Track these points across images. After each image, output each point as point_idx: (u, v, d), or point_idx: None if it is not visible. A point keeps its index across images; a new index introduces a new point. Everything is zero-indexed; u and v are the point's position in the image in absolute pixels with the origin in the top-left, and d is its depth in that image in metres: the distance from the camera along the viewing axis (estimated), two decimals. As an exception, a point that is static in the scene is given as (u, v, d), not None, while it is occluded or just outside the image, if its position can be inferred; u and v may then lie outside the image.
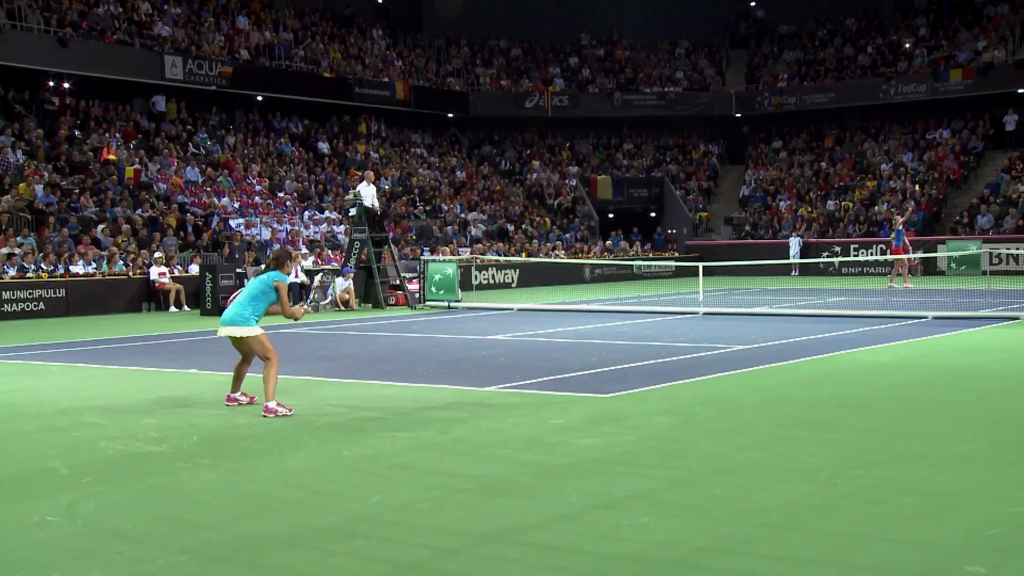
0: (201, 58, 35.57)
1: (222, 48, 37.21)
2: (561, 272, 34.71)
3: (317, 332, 19.01)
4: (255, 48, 38.55)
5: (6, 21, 30.82)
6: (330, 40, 42.71)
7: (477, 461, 7.66)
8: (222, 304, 23.40)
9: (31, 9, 31.90)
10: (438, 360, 14.04)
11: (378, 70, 43.11)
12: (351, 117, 42.79)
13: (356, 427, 9.07)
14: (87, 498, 6.70)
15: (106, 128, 33.12)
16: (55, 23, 32.18)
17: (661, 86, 47.60)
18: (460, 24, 49.17)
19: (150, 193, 30.78)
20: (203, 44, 36.50)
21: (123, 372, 13.36)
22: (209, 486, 7.03)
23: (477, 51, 49.41)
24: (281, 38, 40.27)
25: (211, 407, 10.24)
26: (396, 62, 44.79)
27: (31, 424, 9.56)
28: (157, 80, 34.63)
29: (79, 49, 32.20)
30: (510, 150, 47.66)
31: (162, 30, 35.49)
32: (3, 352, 15.72)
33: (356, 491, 6.84)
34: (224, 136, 36.91)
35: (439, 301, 24.62)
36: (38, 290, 23.29)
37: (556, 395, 10.66)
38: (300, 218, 33.47)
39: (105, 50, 33.04)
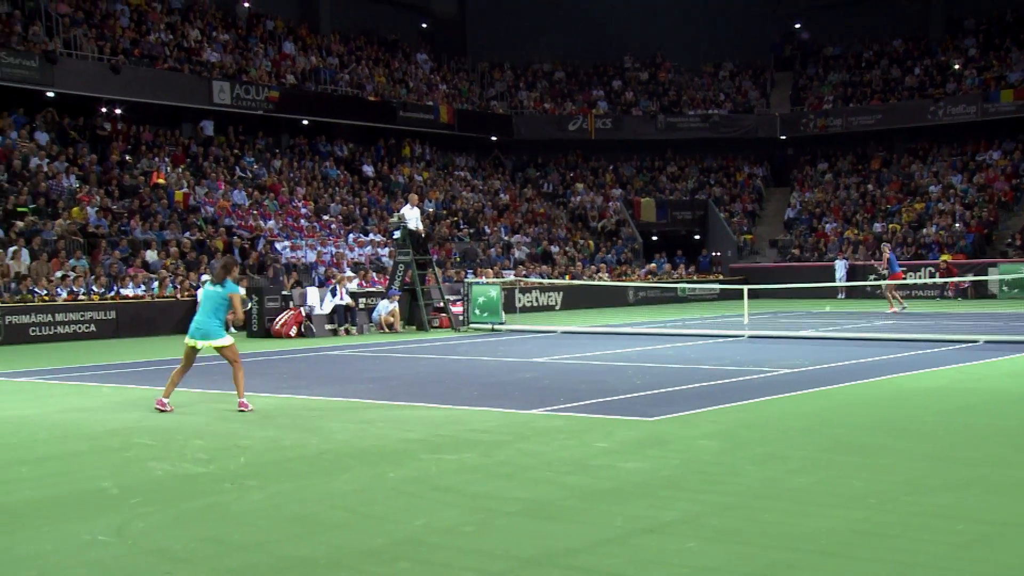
0: (248, 83, 36.05)
1: (269, 73, 37.69)
2: (605, 295, 34.63)
3: (362, 354, 19.10)
4: (301, 73, 39.00)
5: (63, 50, 31.46)
6: (375, 64, 43.11)
7: (521, 484, 7.66)
8: (268, 326, 23.65)
9: (86, 38, 32.54)
10: (482, 383, 14.05)
11: (422, 94, 43.42)
12: (396, 140, 43.11)
13: (401, 449, 9.10)
14: (137, 518, 6.78)
15: (156, 153, 33.63)
16: (108, 51, 32.79)
17: (705, 108, 47.50)
18: (503, 48, 49.45)
19: (198, 216, 31.18)
20: (250, 69, 37.00)
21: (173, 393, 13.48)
22: (256, 507, 7.08)
23: (520, 74, 49.63)
24: (327, 63, 40.72)
25: (257, 428, 10.32)
26: (440, 86, 45.09)
27: (83, 444, 9.70)
28: (205, 105, 35.14)
29: (131, 76, 32.77)
30: (553, 173, 47.74)
31: (211, 56, 36.03)
32: (56, 373, 15.97)
33: (401, 513, 6.86)
34: (270, 160, 37.33)
35: (483, 324, 24.66)
36: (90, 312, 23.64)
37: (600, 418, 10.63)
38: (345, 240, 33.72)
39: (156, 76, 33.59)
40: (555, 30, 49.20)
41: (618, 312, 31.55)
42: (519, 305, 30.66)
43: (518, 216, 42.42)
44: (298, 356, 19.01)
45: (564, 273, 36.64)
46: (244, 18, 40.20)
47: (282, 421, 10.82)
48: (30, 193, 28.05)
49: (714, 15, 48.64)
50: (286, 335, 23.43)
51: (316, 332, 23.94)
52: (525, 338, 22.32)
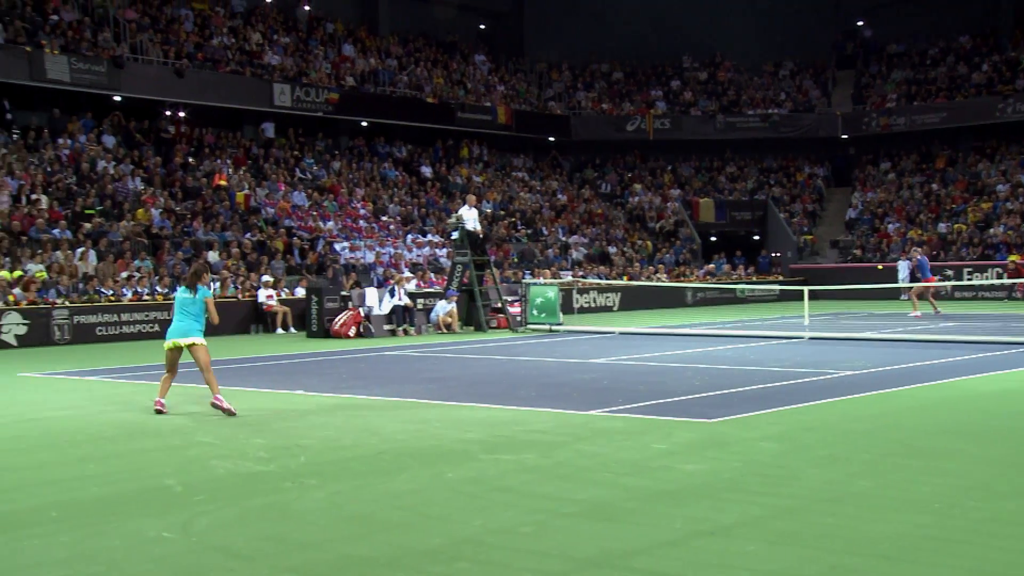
0: (308, 85, 36.42)
1: (328, 75, 38.03)
2: (663, 296, 34.44)
3: (420, 354, 19.21)
4: (360, 75, 39.30)
5: (129, 55, 32.06)
6: (433, 66, 43.31)
7: (580, 485, 7.64)
8: (327, 326, 23.87)
9: (152, 43, 33.12)
10: (540, 383, 14.05)
11: (480, 95, 43.54)
12: (454, 141, 43.27)
13: (459, 449, 9.13)
14: (200, 515, 6.88)
15: (218, 155, 34.12)
16: (173, 55, 33.33)
17: (765, 108, 47.03)
18: (561, 48, 49.38)
19: (259, 217, 31.56)
20: (310, 72, 37.37)
21: (233, 393, 13.68)
22: (316, 506, 7.15)
23: (578, 75, 49.54)
24: (385, 65, 41.00)
25: (318, 428, 10.42)
26: (498, 87, 45.18)
27: (148, 443, 9.87)
28: (266, 107, 35.57)
29: (194, 79, 33.29)
30: (611, 173, 47.60)
31: (271, 59, 36.45)
32: (122, 372, 16.26)
33: (459, 514, 6.88)
34: (330, 161, 37.67)
35: (540, 324, 24.65)
36: (153, 312, 24.03)
37: (659, 419, 10.57)
38: (403, 241, 33.91)
39: (218, 80, 34.07)
40: (613, 30, 49.05)
41: (676, 313, 31.38)
42: (577, 306, 30.62)
43: (576, 217, 42.36)
44: (357, 356, 19.15)
45: (622, 274, 36.51)
46: (304, 21, 40.62)
47: (341, 421, 10.91)
48: (97, 195, 28.62)
49: (774, 14, 48.13)
50: (345, 335, 23.62)
51: (375, 332, 24.11)
52: (583, 339, 22.27)
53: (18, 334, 21.77)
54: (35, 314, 22.09)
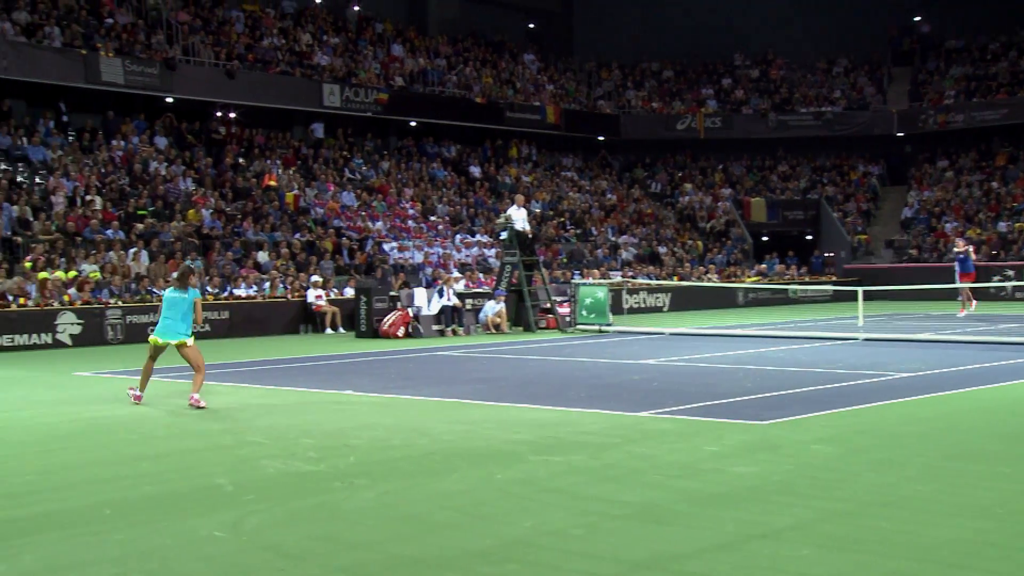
0: (358, 86, 36.66)
1: (377, 75, 38.25)
2: (714, 296, 34.22)
3: (468, 355, 19.25)
4: (409, 75, 39.49)
5: (181, 57, 32.51)
6: (482, 65, 43.41)
7: (630, 487, 7.62)
8: (376, 326, 24.00)
9: (203, 44, 33.54)
10: (589, 384, 14.03)
11: (529, 94, 43.55)
12: (503, 141, 43.32)
13: (508, 450, 9.13)
14: (250, 515, 6.95)
15: (268, 155, 34.46)
16: (224, 56, 33.73)
17: (818, 106, 46.53)
18: (611, 47, 49.25)
19: (308, 217, 31.83)
20: (359, 72, 37.61)
21: (282, 392, 13.81)
22: (366, 506, 7.19)
23: (628, 73, 49.38)
24: (434, 64, 41.15)
25: (367, 429, 10.48)
26: (547, 86, 45.17)
27: (199, 442, 9.99)
28: (316, 108, 35.87)
29: (245, 80, 33.65)
30: (661, 172, 47.39)
31: (321, 59, 36.74)
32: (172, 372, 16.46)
33: (509, 515, 6.88)
34: (378, 161, 37.89)
35: (590, 325, 24.60)
36: (204, 312, 24.24)
37: (710, 421, 10.51)
38: (452, 241, 34.02)
39: (268, 80, 34.41)
40: (663, 28, 48.81)
41: (727, 314, 31.16)
42: (626, 306, 30.52)
43: (625, 217, 42.23)
44: (406, 356, 19.24)
45: (672, 274, 36.33)
46: (354, 21, 40.90)
47: (390, 421, 10.96)
48: (149, 196, 29.02)
49: (828, 10, 47.59)
50: (394, 335, 23.74)
51: (423, 333, 24.21)
52: (633, 339, 22.19)
53: (73, 334, 22.14)
54: (89, 314, 22.46)
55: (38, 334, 21.72)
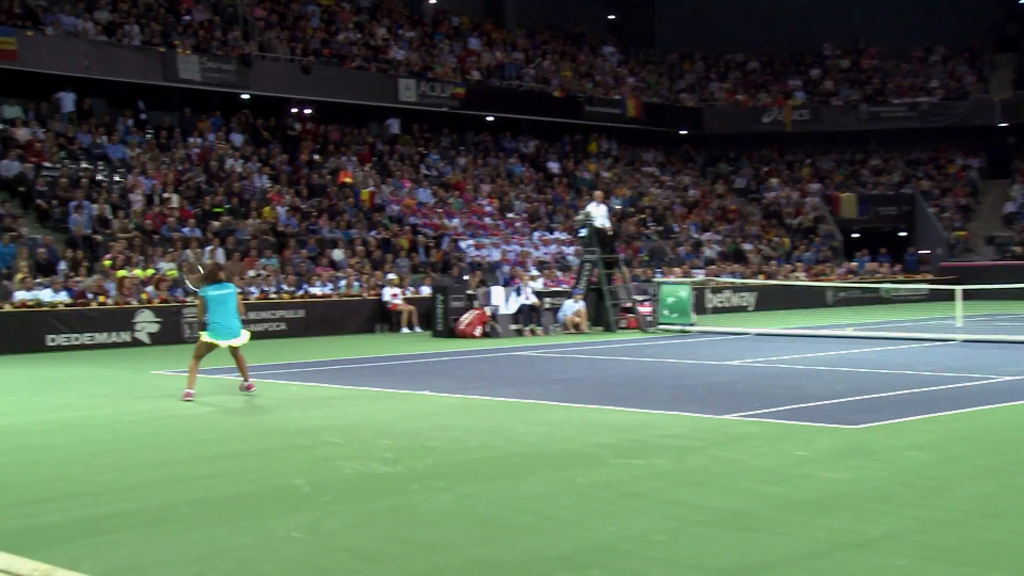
0: (434, 80, 36.91)
1: (454, 70, 38.45)
2: (801, 295, 33.74)
3: (547, 355, 19.25)
4: (486, 69, 39.62)
5: (257, 53, 33.08)
6: (560, 58, 43.37)
7: (715, 492, 7.55)
8: (452, 326, 24.12)
9: (279, 39, 34.09)
10: (672, 386, 13.94)
11: (609, 87, 43.41)
12: (582, 136, 43.25)
13: (589, 453, 9.11)
14: (328, 516, 7.03)
15: (343, 151, 34.86)
16: (300, 52, 34.22)
17: (913, 96, 45.57)
18: (694, 38, 48.86)
19: (383, 215, 32.12)
20: (435, 66, 37.84)
21: (358, 392, 13.96)
22: (443, 509, 7.23)
23: (712, 65, 48.94)
24: (512, 58, 41.23)
25: (444, 430, 10.54)
26: (627, 79, 44.97)
27: (275, 442, 10.14)
28: (391, 103, 36.20)
29: (320, 76, 34.12)
30: (746, 167, 46.87)
31: (397, 54, 37.05)
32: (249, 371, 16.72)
33: (590, 519, 6.86)
34: (455, 157, 38.09)
35: (672, 325, 24.44)
36: (280, 311, 24.67)
37: (799, 425, 10.37)
38: (529, 239, 34.05)
39: (344, 76, 34.84)
40: (749, 18, 48.27)
41: (816, 314, 30.70)
42: (710, 306, 30.26)
43: (709, 213, 41.87)
44: (483, 356, 19.31)
45: (758, 272, 35.91)
46: (430, 15, 41.18)
47: (468, 422, 11.01)
48: (225, 193, 29.57)
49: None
50: (470, 335, 23.83)
51: (501, 332, 24.27)
52: (716, 340, 22.00)
53: (151, 332, 22.64)
54: (166, 312, 22.94)
55: (117, 332, 22.25)
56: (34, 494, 7.89)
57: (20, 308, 21.35)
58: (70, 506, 7.47)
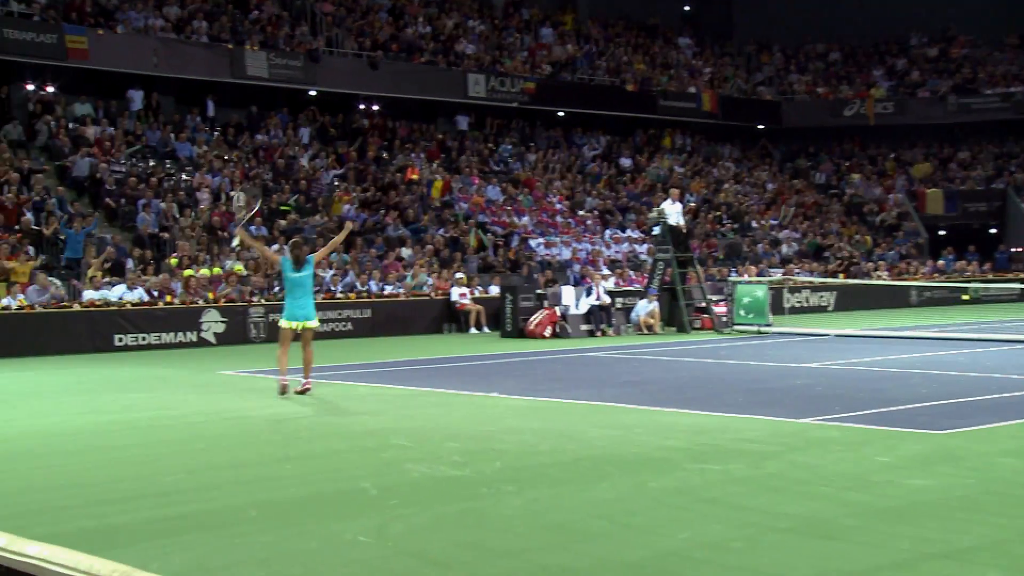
0: (504, 75, 36.99)
1: (524, 63, 38.47)
2: (884, 295, 33.23)
3: (619, 356, 19.19)
4: (557, 62, 39.59)
5: (325, 48, 33.47)
6: (634, 51, 43.18)
7: (794, 499, 7.46)
8: (522, 326, 24.15)
9: (348, 33, 34.45)
10: (748, 388, 13.82)
11: (684, 81, 43.12)
12: (655, 130, 43.02)
13: (662, 457, 9.07)
14: (395, 520, 7.08)
15: (411, 148, 35.09)
16: (368, 46, 34.52)
17: (1006, 86, 44.52)
18: (772, 29, 48.33)
19: (451, 212, 32.26)
20: (505, 60, 37.91)
21: (426, 394, 14.04)
22: (513, 513, 7.24)
23: (791, 57, 48.37)
24: (584, 51, 41.14)
25: (514, 433, 10.56)
26: (703, 71, 44.63)
27: (342, 443, 10.25)
28: (460, 99, 36.36)
29: (388, 71, 34.40)
30: (826, 162, 46.22)
31: (466, 48, 37.19)
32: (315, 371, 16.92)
33: (663, 525, 6.83)
34: (525, 153, 38.11)
35: (748, 325, 24.23)
36: (347, 310, 24.90)
37: (881, 430, 10.21)
38: (601, 237, 33.96)
39: (412, 71, 35.07)
40: (830, 7, 47.57)
41: (899, 314, 30.21)
42: (787, 306, 29.93)
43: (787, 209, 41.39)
44: (553, 357, 19.31)
45: (838, 271, 35.43)
46: (500, 7, 41.27)
47: (537, 425, 11.02)
48: (292, 190, 29.97)
49: (1020, -23, 45.55)
50: (540, 335, 23.85)
51: (571, 333, 24.24)
52: (794, 341, 21.76)
53: (217, 332, 23.02)
54: (232, 312, 23.30)
55: (183, 332, 22.66)
56: (102, 494, 8.06)
57: (89, 307, 21.83)
58: (138, 507, 7.62)
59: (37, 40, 28.00)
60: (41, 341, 20.93)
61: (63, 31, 28.43)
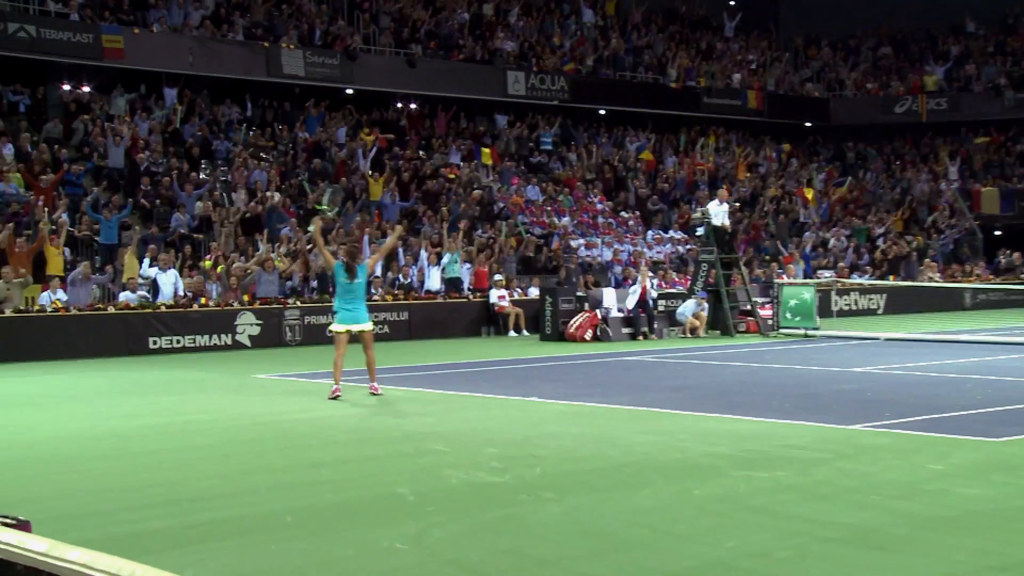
0: (543, 72, 36.98)
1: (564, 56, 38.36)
2: (936, 297, 32.87)
3: (662, 360, 19.13)
4: (598, 59, 39.51)
5: (362, 45, 33.64)
6: (677, 46, 43.02)
7: (843, 507, 7.40)
8: (562, 329, 24.13)
9: (386, 29, 34.60)
10: (795, 394, 13.73)
11: (729, 77, 42.90)
12: (700, 128, 42.83)
13: (706, 464, 9.02)
14: (433, 527, 7.09)
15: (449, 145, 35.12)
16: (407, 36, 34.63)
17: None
18: (820, 22, 47.97)
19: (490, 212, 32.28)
20: (545, 58, 37.87)
21: (464, 398, 14.06)
22: (553, 521, 7.23)
23: (839, 51, 47.98)
24: (625, 47, 41.02)
25: (554, 438, 10.55)
26: (748, 68, 44.38)
27: (379, 449, 10.28)
28: (499, 97, 36.39)
29: (426, 69, 34.49)
30: (877, 160, 45.79)
31: (505, 45, 37.20)
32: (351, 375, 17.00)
33: (708, 534, 6.80)
34: (565, 152, 38.05)
35: (794, 329, 24.08)
36: (383, 312, 24.94)
37: (934, 437, 10.10)
38: (643, 238, 33.85)
39: (450, 68, 35.16)
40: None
41: (952, 317, 29.87)
42: (836, 308, 29.67)
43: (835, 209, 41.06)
44: (594, 361, 19.28)
45: (888, 273, 35.10)
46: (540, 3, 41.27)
47: (578, 430, 11.00)
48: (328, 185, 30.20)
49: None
50: (580, 339, 23.82)
51: (612, 336, 24.20)
52: (843, 345, 21.61)
53: (252, 335, 23.18)
54: (268, 314, 23.44)
55: (218, 335, 22.83)
56: (137, 500, 8.13)
57: (123, 310, 22.06)
58: (172, 512, 7.68)
59: (74, 40, 28.37)
60: (75, 343, 21.17)
61: (99, 30, 28.78)
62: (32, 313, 21.14)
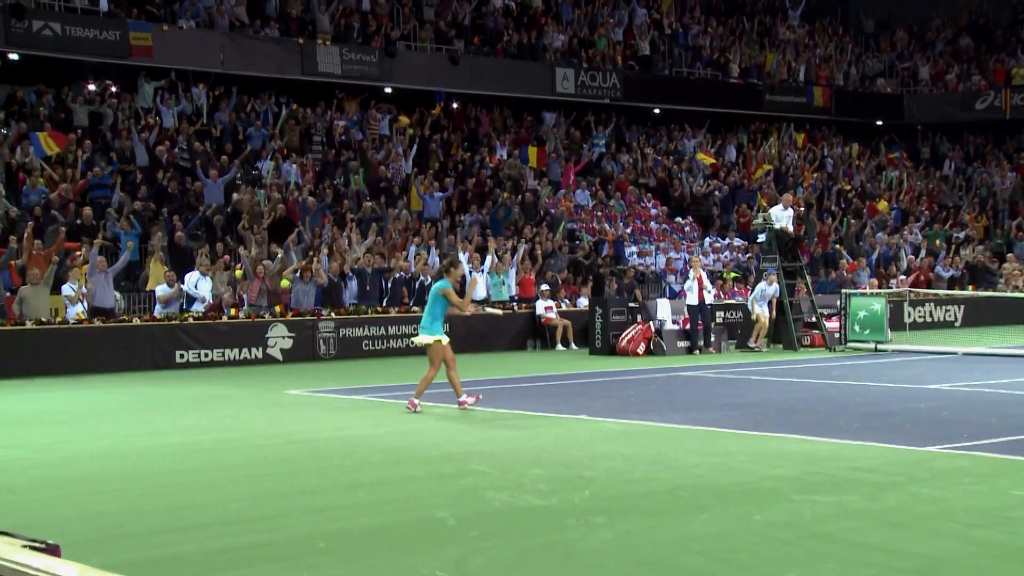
0: (594, 69, 36.96)
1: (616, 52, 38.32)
2: (1019, 309, 32.45)
3: (719, 376, 19.06)
4: (652, 54, 39.41)
5: (401, 43, 33.85)
6: (737, 40, 42.85)
7: (917, 536, 7.35)
8: (613, 342, 24.10)
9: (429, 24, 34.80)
10: (864, 412, 13.63)
11: (793, 73, 42.66)
12: (764, 126, 42.60)
13: (768, 488, 8.98)
14: (475, 553, 7.11)
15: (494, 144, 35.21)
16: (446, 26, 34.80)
17: None
18: (894, 12, 47.57)
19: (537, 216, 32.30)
20: (595, 53, 37.86)
21: (508, 416, 14.08)
22: (603, 548, 7.23)
23: (914, 43, 47.56)
24: (681, 41, 40.92)
25: (604, 459, 10.54)
26: (815, 62, 44.12)
27: (418, 469, 10.32)
28: (547, 95, 36.41)
29: (469, 66, 34.62)
30: (955, 160, 45.30)
31: (554, 40, 37.24)
32: (387, 391, 17.09)
33: (770, 563, 6.77)
34: (617, 154, 37.98)
35: (863, 342, 23.90)
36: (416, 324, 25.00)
37: (1017, 460, 10.02)
38: (700, 245, 33.72)
39: (494, 65, 35.25)
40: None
41: (1037, 330, 29.52)
42: (908, 320, 29.40)
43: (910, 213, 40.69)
44: (647, 376, 19.24)
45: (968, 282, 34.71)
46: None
47: (630, 451, 10.98)
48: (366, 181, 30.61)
49: None
50: (633, 352, 23.77)
51: (667, 350, 24.12)
52: (916, 360, 21.44)
53: (284, 348, 23.31)
54: (301, 326, 23.55)
55: (248, 348, 22.97)
56: (164, 522, 8.22)
57: (150, 322, 22.29)
58: (202, 536, 7.76)
59: (100, 37, 28.79)
60: (100, 356, 21.40)
61: (127, 27, 29.17)
62: (55, 325, 21.40)
